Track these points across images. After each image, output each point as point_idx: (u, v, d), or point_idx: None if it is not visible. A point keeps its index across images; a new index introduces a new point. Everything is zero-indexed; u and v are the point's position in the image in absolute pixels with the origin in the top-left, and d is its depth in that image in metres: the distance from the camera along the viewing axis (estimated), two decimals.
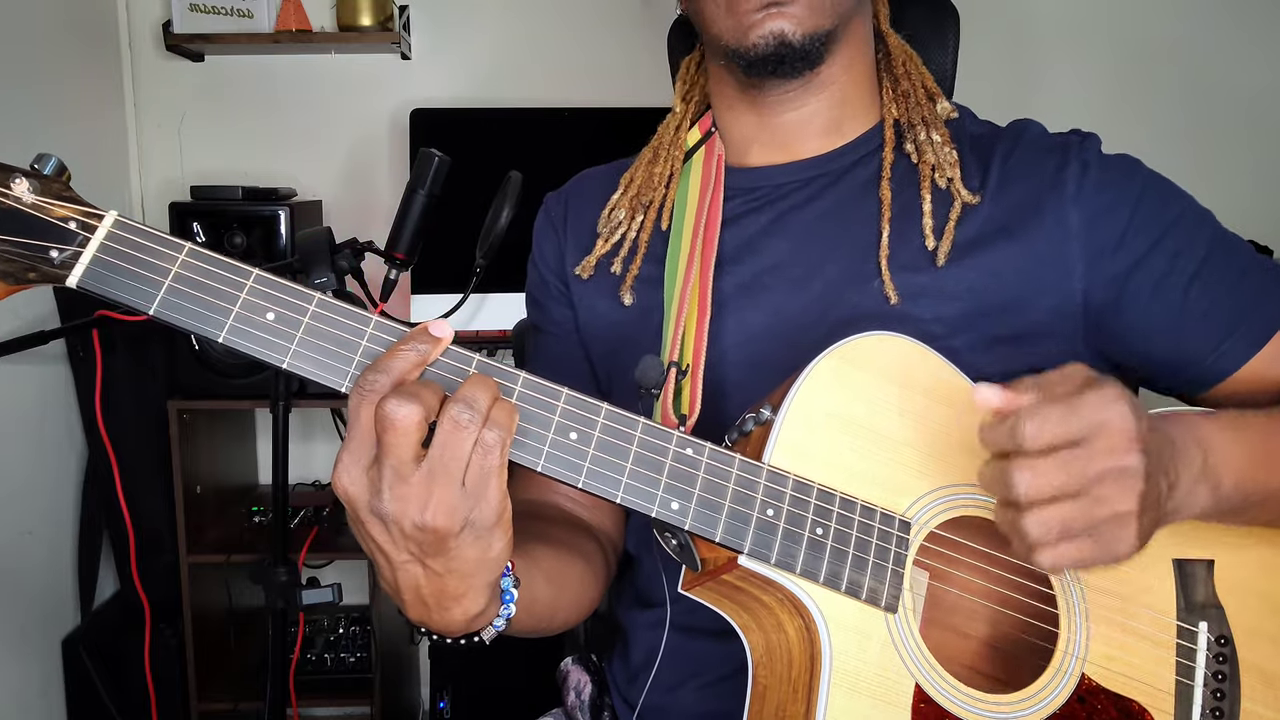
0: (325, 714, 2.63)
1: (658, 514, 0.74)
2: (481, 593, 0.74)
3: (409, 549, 0.69)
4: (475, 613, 0.74)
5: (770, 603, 0.79)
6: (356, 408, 0.67)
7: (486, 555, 0.71)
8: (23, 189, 0.67)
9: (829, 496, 0.78)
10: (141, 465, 2.31)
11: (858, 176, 1.02)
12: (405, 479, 0.66)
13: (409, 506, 0.67)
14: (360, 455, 0.67)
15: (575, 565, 1.00)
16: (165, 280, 0.68)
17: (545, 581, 0.92)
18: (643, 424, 0.74)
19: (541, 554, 0.94)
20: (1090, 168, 0.94)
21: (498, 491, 0.69)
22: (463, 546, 0.69)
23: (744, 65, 0.96)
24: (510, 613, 0.79)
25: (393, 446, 0.65)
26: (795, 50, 0.94)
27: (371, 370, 0.67)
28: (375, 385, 0.67)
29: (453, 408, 0.67)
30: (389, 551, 0.70)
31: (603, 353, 1.11)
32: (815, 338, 0.85)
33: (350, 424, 0.67)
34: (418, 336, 0.70)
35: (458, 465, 0.67)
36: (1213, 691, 0.85)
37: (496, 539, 0.71)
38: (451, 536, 0.68)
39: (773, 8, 0.92)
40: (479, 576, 0.72)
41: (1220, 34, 2.57)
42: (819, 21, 0.94)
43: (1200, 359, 0.94)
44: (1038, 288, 0.94)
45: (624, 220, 1.09)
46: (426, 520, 0.67)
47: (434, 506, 0.67)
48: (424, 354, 0.69)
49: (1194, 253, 0.93)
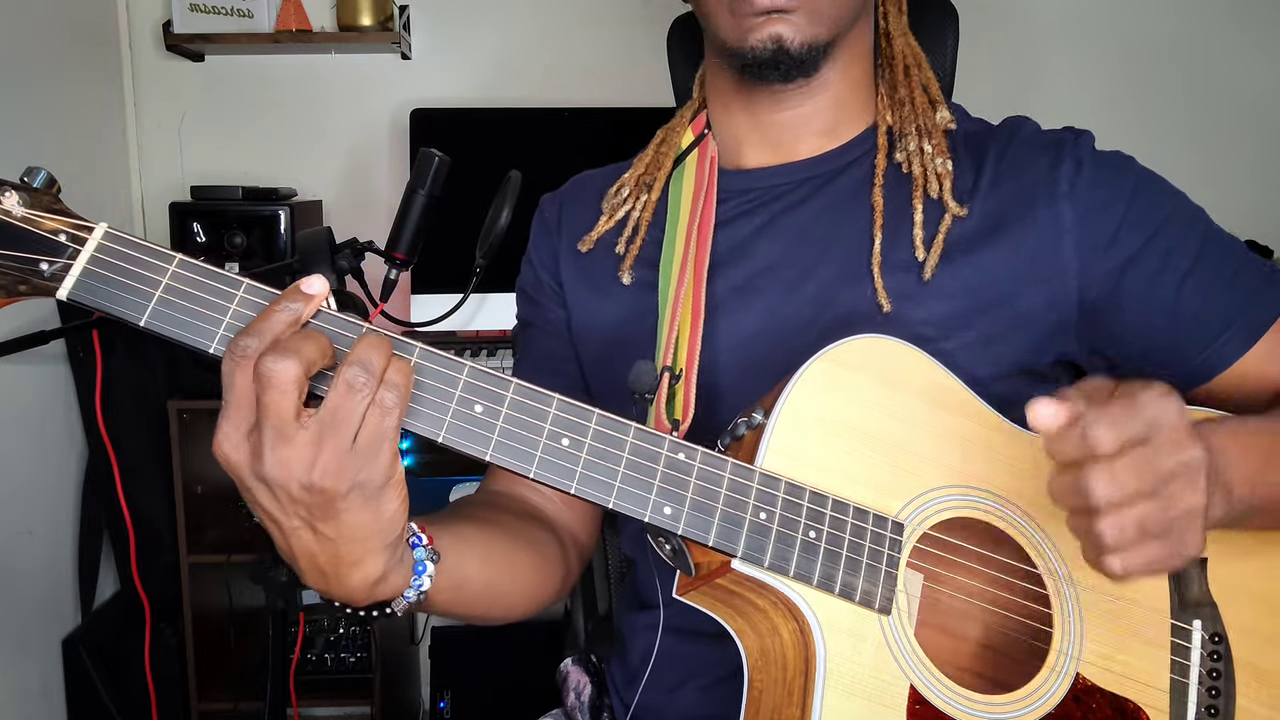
0: (325, 714, 2.63)
1: (650, 519, 0.74)
2: (378, 555, 0.72)
3: (298, 514, 0.68)
4: (375, 578, 0.73)
5: (764, 606, 0.79)
6: (231, 372, 0.66)
7: (379, 519, 0.69)
8: (12, 202, 0.67)
9: (821, 499, 0.78)
10: (141, 465, 2.31)
11: (851, 178, 1.02)
12: (289, 439, 0.65)
13: (294, 468, 0.65)
14: (240, 420, 0.66)
15: (520, 552, 0.98)
16: (156, 291, 0.68)
17: (481, 562, 0.90)
18: (634, 429, 0.74)
19: (476, 535, 0.92)
20: (1083, 165, 0.94)
21: (389, 453, 0.68)
22: (352, 509, 0.68)
23: (740, 66, 0.97)
24: (423, 584, 0.77)
25: (272, 406, 0.64)
26: (792, 58, 0.94)
27: (243, 334, 0.66)
28: (248, 349, 0.65)
29: (346, 370, 0.65)
30: (278, 517, 0.69)
31: (594, 355, 1.10)
32: (808, 340, 0.85)
33: (225, 390, 0.66)
34: (289, 295, 0.68)
35: (349, 427, 0.66)
36: (1208, 689, 0.85)
37: (388, 500, 0.69)
38: (340, 498, 0.67)
39: (775, 13, 0.92)
40: (373, 540, 0.70)
41: (1221, 34, 2.57)
42: (818, 31, 0.94)
43: (1193, 355, 0.94)
44: (1030, 285, 0.94)
45: (628, 198, 1.09)
46: (314, 480, 0.66)
47: (321, 467, 0.66)
48: (297, 313, 0.67)
49: (1187, 250, 0.93)
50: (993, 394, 0.87)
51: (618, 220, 1.09)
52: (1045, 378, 0.98)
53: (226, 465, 0.68)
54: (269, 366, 0.64)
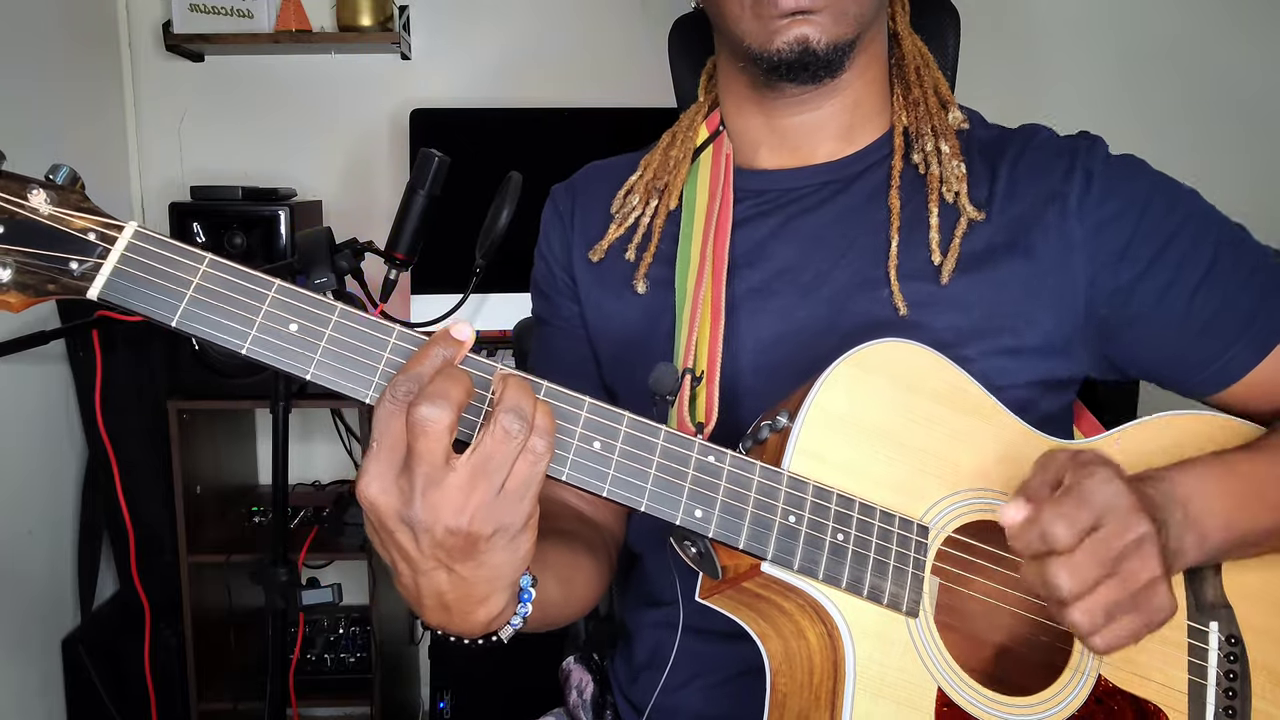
0: (325, 714, 2.63)
1: (682, 521, 0.74)
2: (504, 594, 0.73)
3: (436, 555, 0.68)
4: (496, 614, 0.74)
5: (791, 609, 0.79)
6: (388, 416, 0.66)
7: (514, 558, 0.70)
8: (40, 200, 0.66)
9: (848, 502, 0.78)
10: (141, 465, 2.31)
11: (867, 183, 1.01)
12: (438, 483, 0.65)
13: (442, 512, 0.66)
14: (390, 464, 0.66)
15: (583, 563, 1.00)
16: (187, 291, 0.67)
17: (556, 580, 0.92)
18: (665, 432, 0.74)
19: (552, 552, 0.94)
20: (1095, 176, 0.94)
21: (532, 498, 0.69)
22: (494, 550, 0.69)
23: (765, 69, 0.95)
24: (527, 611, 0.78)
25: (425, 453, 0.65)
26: (819, 58, 0.93)
27: (401, 379, 0.66)
28: (408, 395, 0.65)
29: (502, 417, 0.66)
30: (414, 559, 0.69)
31: (610, 355, 1.10)
32: (827, 344, 0.85)
33: (378, 433, 0.66)
34: (441, 341, 0.68)
35: (500, 473, 0.66)
36: (1225, 691, 0.86)
37: (524, 541, 0.70)
38: (483, 540, 0.68)
39: (799, 15, 0.91)
40: (504, 579, 0.72)
41: (1221, 34, 2.58)
42: (843, 30, 0.93)
43: (1206, 366, 0.94)
44: (1043, 300, 0.94)
45: (639, 204, 1.08)
46: (461, 525, 0.66)
47: (470, 512, 0.66)
48: (450, 359, 0.68)
49: (1200, 258, 0.93)
50: (1008, 401, 0.87)
51: (628, 227, 1.08)
52: (1058, 387, 0.98)
53: (372, 509, 0.67)
54: (424, 414, 0.64)
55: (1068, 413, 1.03)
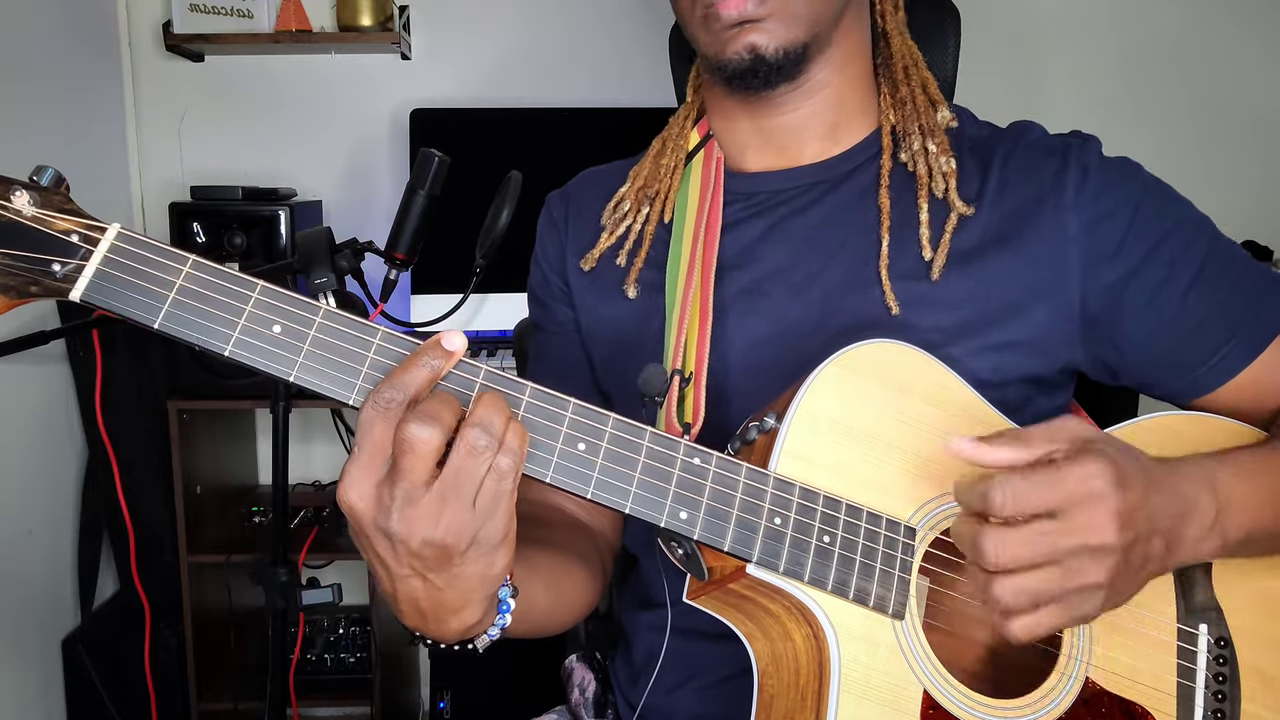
0: (325, 714, 2.63)
1: (666, 524, 0.74)
2: (479, 605, 0.74)
3: (411, 564, 0.69)
4: (471, 623, 0.75)
5: (777, 611, 0.79)
6: (370, 422, 0.66)
7: (489, 572, 0.71)
8: (22, 202, 0.66)
9: (835, 504, 0.78)
10: (141, 465, 2.32)
11: (856, 183, 1.01)
12: (416, 501, 0.66)
13: (417, 526, 0.66)
14: (371, 471, 0.66)
15: (575, 570, 1.00)
16: (170, 293, 0.67)
17: (544, 588, 0.92)
18: (650, 433, 0.74)
19: (542, 561, 0.94)
20: (1089, 173, 0.94)
21: (506, 512, 0.69)
22: (467, 563, 0.69)
23: (723, 78, 0.97)
24: (505, 622, 0.78)
25: (409, 470, 0.65)
26: (770, 64, 0.93)
27: (387, 386, 0.66)
28: (391, 402, 0.66)
29: (469, 432, 0.66)
30: (391, 565, 0.69)
31: (604, 358, 1.10)
32: (816, 345, 0.86)
33: (361, 437, 0.66)
34: (430, 350, 0.68)
35: (470, 488, 0.66)
36: (1214, 693, 0.86)
37: (500, 556, 0.70)
38: (457, 554, 0.68)
39: (746, 24, 0.92)
40: (479, 591, 0.72)
41: (1222, 35, 2.57)
42: (795, 34, 0.93)
43: (1197, 366, 0.94)
44: (1035, 295, 0.93)
45: (629, 213, 1.09)
46: (435, 537, 0.66)
47: (444, 526, 0.66)
48: (438, 369, 0.68)
49: (1191, 259, 0.93)
50: (999, 400, 0.87)
51: (618, 236, 1.09)
52: (1051, 385, 0.98)
53: (351, 514, 0.68)
54: (414, 433, 0.64)
55: (1062, 413, 1.02)
